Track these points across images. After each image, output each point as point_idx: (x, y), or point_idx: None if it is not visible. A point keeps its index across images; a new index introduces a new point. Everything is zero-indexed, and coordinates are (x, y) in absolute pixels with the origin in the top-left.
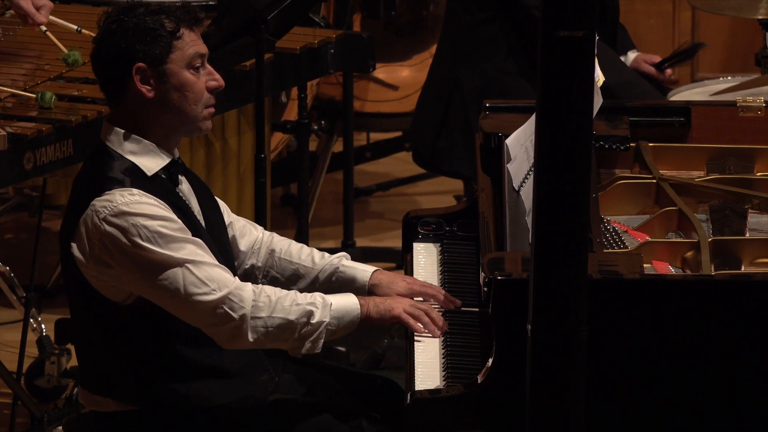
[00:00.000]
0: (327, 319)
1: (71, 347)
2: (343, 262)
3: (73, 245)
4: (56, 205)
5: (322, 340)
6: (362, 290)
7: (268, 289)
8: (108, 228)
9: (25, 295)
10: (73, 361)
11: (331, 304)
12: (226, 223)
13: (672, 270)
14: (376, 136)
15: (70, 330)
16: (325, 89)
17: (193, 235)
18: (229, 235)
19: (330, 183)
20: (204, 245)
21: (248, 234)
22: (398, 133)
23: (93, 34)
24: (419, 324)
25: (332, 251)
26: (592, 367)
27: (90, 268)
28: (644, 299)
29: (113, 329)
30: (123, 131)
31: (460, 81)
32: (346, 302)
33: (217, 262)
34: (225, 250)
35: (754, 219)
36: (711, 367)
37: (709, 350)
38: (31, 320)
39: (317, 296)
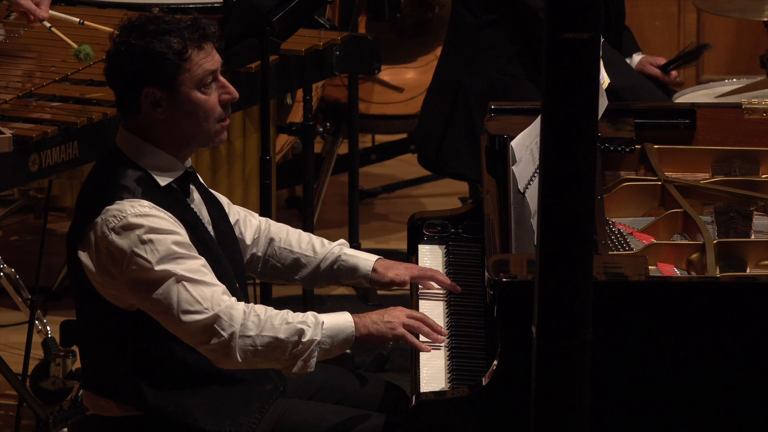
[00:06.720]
0: (318, 338)
1: (76, 349)
2: (345, 250)
3: (81, 252)
4: (61, 207)
5: (315, 359)
6: (365, 279)
7: (259, 308)
8: (115, 238)
9: (30, 297)
10: (79, 363)
11: (323, 322)
12: (232, 222)
13: (677, 272)
14: (381, 138)
15: (74, 332)
16: (331, 91)
17: (202, 248)
18: (237, 234)
19: (335, 185)
20: (206, 264)
21: (250, 225)
22: (403, 135)
23: (96, 26)
24: (422, 341)
25: None
26: (597, 370)
27: (96, 275)
28: (649, 301)
29: (118, 334)
30: (139, 139)
31: (465, 83)
32: (340, 320)
33: (216, 281)
34: (235, 259)
35: (759, 221)
36: (716, 369)
37: (715, 352)
38: (37, 322)
39: (309, 315)
